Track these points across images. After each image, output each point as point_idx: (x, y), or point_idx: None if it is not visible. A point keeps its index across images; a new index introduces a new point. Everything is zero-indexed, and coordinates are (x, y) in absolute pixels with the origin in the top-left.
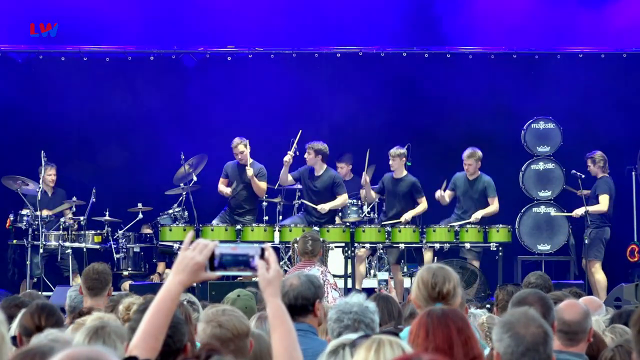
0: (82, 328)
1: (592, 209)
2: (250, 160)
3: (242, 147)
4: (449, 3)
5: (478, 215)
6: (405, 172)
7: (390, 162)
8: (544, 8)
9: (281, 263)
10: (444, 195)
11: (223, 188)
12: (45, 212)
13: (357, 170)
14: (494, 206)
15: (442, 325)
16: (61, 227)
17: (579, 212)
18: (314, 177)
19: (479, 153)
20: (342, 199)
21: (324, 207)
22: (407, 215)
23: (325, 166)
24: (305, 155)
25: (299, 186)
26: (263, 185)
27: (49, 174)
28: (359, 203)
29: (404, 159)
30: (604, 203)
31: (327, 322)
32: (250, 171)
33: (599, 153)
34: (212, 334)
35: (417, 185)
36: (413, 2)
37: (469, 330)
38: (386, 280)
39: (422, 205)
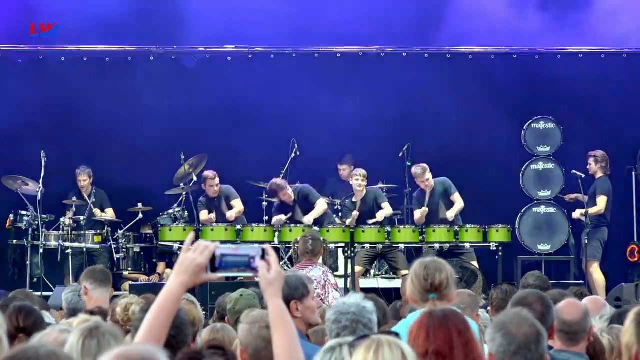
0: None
1: (591, 211)
2: (217, 189)
3: (217, 180)
4: (449, 3)
5: (452, 214)
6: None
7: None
8: (544, 8)
9: (281, 263)
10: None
11: (207, 216)
12: (99, 213)
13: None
14: (459, 204)
15: (443, 327)
16: (61, 227)
17: (577, 214)
18: (290, 205)
19: (426, 166)
20: (323, 205)
21: (309, 220)
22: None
23: (289, 190)
24: (283, 195)
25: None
26: (240, 207)
27: (80, 180)
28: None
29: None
30: (601, 204)
31: (326, 324)
32: (233, 213)
33: (602, 153)
34: (259, 335)
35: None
36: (413, 2)
37: (469, 332)
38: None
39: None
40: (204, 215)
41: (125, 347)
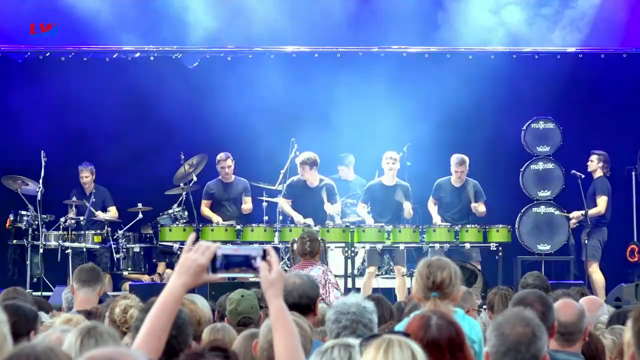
0: (75, 329)
1: (591, 212)
2: (232, 177)
3: (230, 161)
4: (449, 3)
5: (480, 208)
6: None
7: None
8: (544, 8)
9: (281, 263)
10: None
11: (209, 212)
12: (100, 214)
13: (357, 171)
14: (483, 207)
15: (437, 347)
16: (61, 227)
17: (576, 215)
18: (311, 189)
19: (467, 159)
20: (339, 207)
21: (328, 208)
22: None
23: (318, 175)
24: (306, 174)
25: None
26: (250, 202)
27: (82, 176)
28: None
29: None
30: (602, 205)
31: (326, 323)
32: (248, 205)
33: (605, 153)
34: (265, 336)
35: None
36: (413, 2)
37: (462, 353)
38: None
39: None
40: (205, 207)
41: (94, 350)
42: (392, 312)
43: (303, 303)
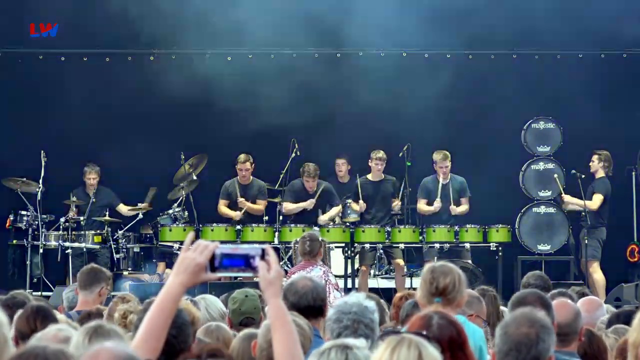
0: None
1: (576, 201)
2: (250, 178)
3: (248, 164)
4: (449, 3)
5: (457, 211)
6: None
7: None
8: (544, 8)
9: (281, 263)
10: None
11: (228, 211)
12: (105, 219)
13: (355, 171)
14: (466, 206)
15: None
16: (61, 227)
17: (567, 199)
18: (311, 195)
19: (449, 154)
20: (338, 209)
21: (323, 219)
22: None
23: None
24: (310, 184)
25: None
26: (263, 205)
27: (89, 177)
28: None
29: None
30: (595, 202)
31: (326, 323)
32: (259, 206)
33: (608, 153)
34: (264, 336)
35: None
36: (413, 2)
37: (463, 353)
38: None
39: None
40: (223, 206)
41: (105, 345)
42: (383, 313)
43: (317, 305)
